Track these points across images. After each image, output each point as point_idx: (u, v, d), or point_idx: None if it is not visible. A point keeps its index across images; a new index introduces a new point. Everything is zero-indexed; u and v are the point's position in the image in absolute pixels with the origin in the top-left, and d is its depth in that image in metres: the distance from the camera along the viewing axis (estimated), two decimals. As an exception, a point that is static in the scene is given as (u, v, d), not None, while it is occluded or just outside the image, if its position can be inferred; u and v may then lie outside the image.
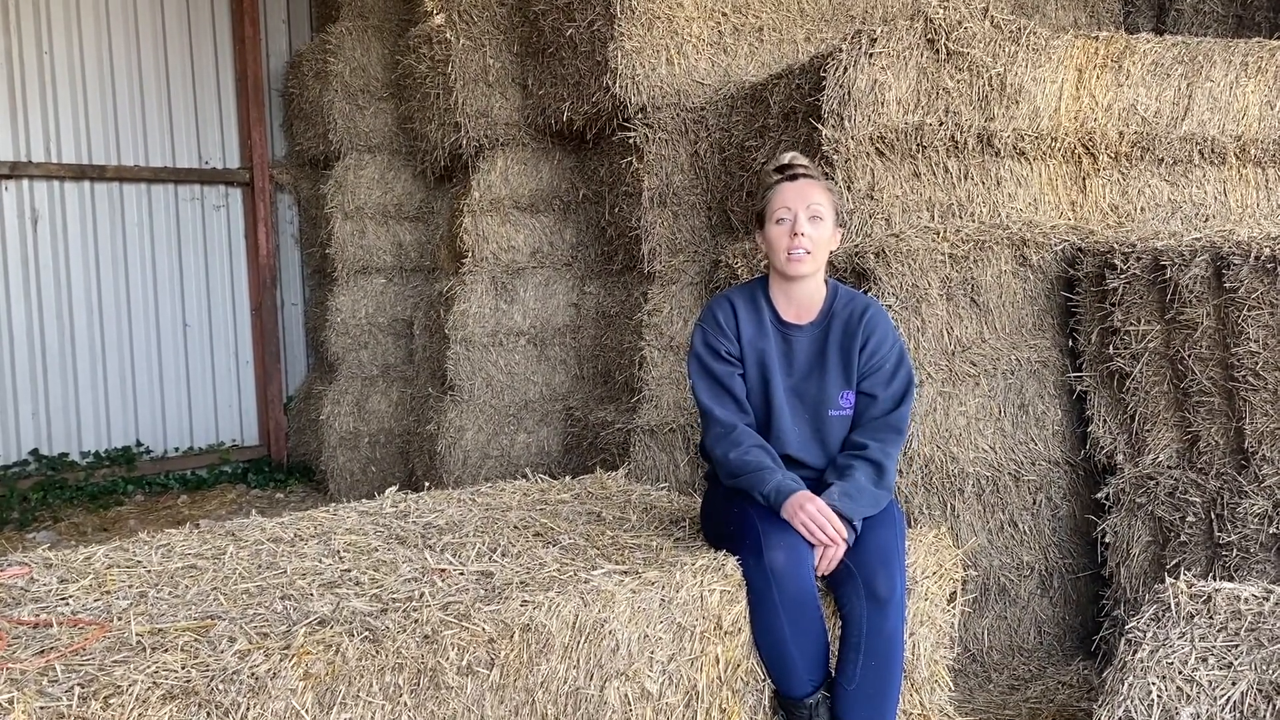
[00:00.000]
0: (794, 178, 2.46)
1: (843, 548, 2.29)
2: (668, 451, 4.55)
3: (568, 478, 3.32)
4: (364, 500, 3.05)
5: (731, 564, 2.32)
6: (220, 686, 1.68)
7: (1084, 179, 4.10)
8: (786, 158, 2.52)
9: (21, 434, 6.69)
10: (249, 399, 7.57)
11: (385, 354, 6.82)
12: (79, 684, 1.66)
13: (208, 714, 1.66)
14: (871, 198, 3.76)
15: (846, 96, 3.65)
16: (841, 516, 2.29)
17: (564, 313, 5.73)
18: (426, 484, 4.72)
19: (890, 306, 3.42)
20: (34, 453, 6.69)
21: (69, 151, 6.82)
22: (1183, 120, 4.15)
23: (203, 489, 7.03)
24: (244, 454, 7.50)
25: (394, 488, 3.16)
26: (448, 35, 5.68)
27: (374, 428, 6.64)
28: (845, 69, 3.64)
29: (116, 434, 7.03)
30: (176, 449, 7.27)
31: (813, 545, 2.30)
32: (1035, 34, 3.83)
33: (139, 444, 7.09)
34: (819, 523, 2.26)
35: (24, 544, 5.63)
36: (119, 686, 1.65)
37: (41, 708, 1.58)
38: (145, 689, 1.64)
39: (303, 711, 1.73)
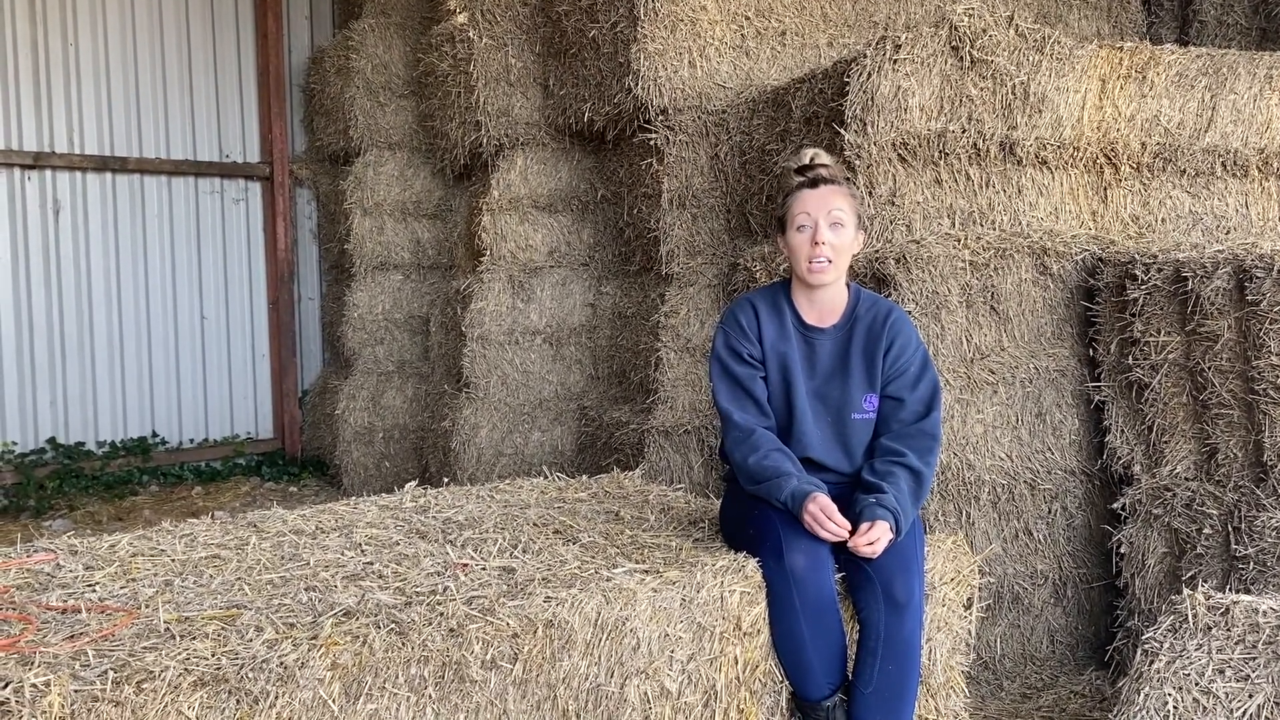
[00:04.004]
0: (815, 183, 2.46)
1: (883, 543, 2.28)
2: (682, 453, 4.56)
3: (584, 477, 3.34)
4: (383, 494, 3.07)
5: (751, 565, 2.33)
6: (250, 675, 1.70)
7: (1105, 189, 4.10)
8: (807, 156, 2.49)
9: (39, 422, 6.74)
10: (264, 392, 7.62)
11: (401, 350, 6.85)
12: (111, 668, 1.68)
13: (237, 701, 1.68)
14: (893, 203, 3.77)
15: (870, 102, 3.66)
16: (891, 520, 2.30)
17: (580, 312, 5.75)
18: (445, 480, 4.75)
19: (910, 312, 3.43)
20: (51, 441, 6.75)
21: (91, 143, 6.87)
22: (1206, 132, 4.15)
23: (217, 481, 7.07)
24: (258, 447, 7.54)
25: (414, 482, 3.18)
26: (470, 34, 5.71)
27: (389, 423, 6.67)
28: (869, 74, 3.65)
29: (133, 424, 7.08)
30: (191, 440, 7.31)
31: (840, 545, 2.31)
32: (1059, 43, 3.84)
33: (154, 435, 7.13)
34: (819, 519, 2.27)
35: (40, 531, 5.67)
36: (151, 672, 1.67)
37: (76, 691, 1.61)
38: (177, 675, 1.66)
39: (330, 701, 1.75)
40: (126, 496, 6.56)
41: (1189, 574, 3.26)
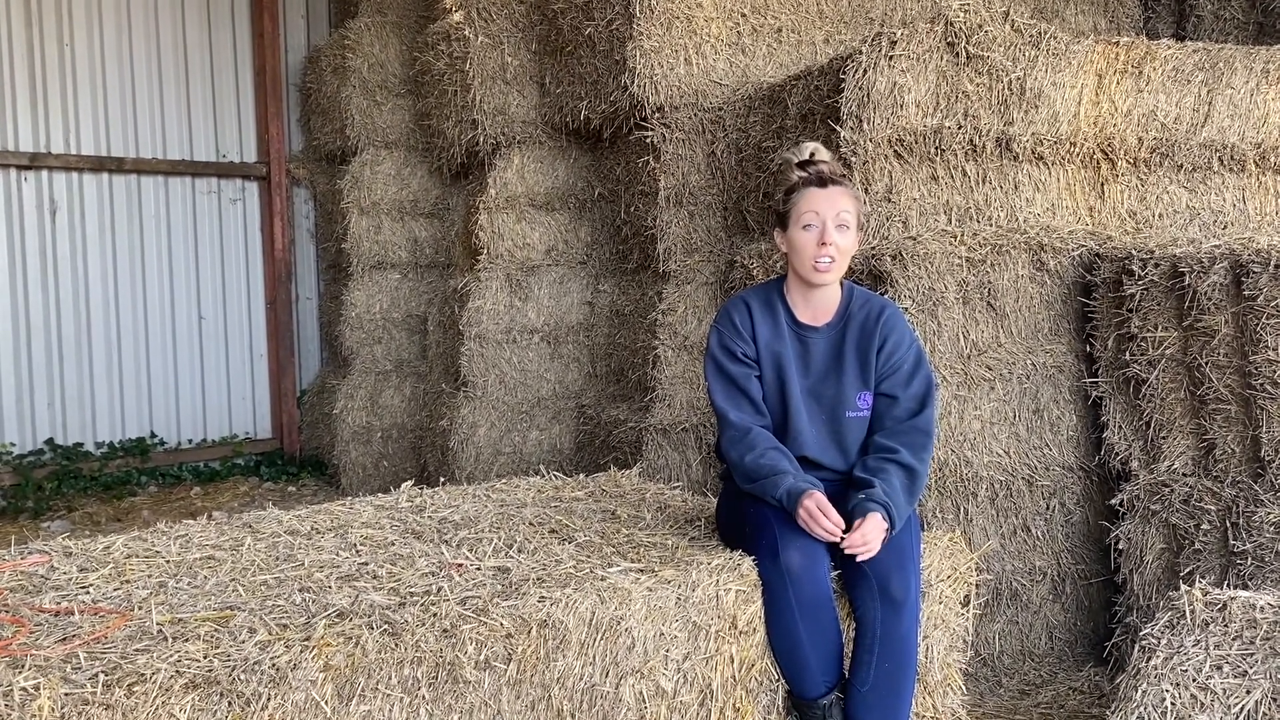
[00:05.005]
0: (824, 182, 2.44)
1: (877, 537, 2.27)
2: (680, 451, 4.56)
3: (581, 475, 3.34)
4: (379, 494, 3.07)
5: (747, 564, 2.33)
6: (242, 677, 1.69)
7: (1102, 184, 4.09)
8: (807, 151, 2.48)
9: (37, 423, 6.73)
10: (262, 392, 7.61)
11: (399, 349, 6.84)
12: (103, 671, 1.67)
13: (229, 703, 1.68)
14: (889, 200, 3.76)
15: (865, 99, 3.65)
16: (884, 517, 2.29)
17: (578, 311, 5.74)
18: (442, 479, 4.74)
19: (906, 309, 3.42)
20: (49, 442, 6.74)
21: (88, 143, 6.86)
22: (1202, 127, 4.14)
23: (215, 481, 7.07)
24: (257, 447, 7.53)
25: (409, 482, 3.18)
26: (466, 32, 5.70)
27: (387, 423, 6.66)
28: (865, 71, 3.64)
29: (131, 425, 7.07)
30: (190, 441, 7.31)
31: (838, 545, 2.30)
32: (1055, 39, 3.83)
33: (153, 435, 7.13)
34: (815, 516, 2.26)
35: (39, 533, 5.67)
36: (142, 675, 1.66)
37: (66, 694, 1.60)
38: (168, 678, 1.65)
39: (322, 703, 1.74)
40: (125, 497, 6.56)
41: (1187, 570, 3.25)
